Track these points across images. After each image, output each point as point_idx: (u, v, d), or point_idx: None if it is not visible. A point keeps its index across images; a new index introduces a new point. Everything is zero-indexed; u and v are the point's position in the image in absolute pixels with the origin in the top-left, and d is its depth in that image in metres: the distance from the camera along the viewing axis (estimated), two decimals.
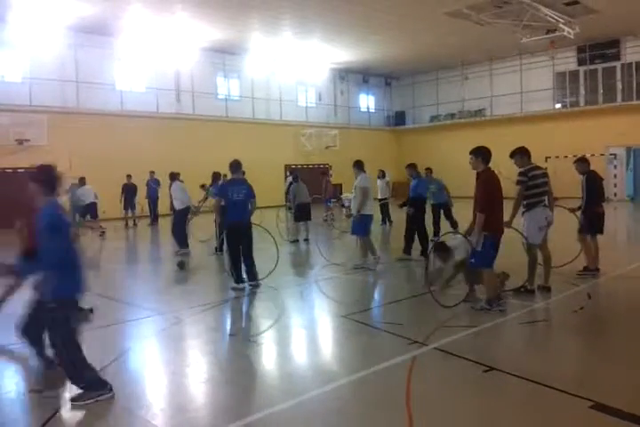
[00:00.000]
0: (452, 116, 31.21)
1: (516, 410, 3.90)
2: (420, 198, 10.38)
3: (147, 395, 4.43)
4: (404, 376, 4.39)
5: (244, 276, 8.13)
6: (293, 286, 8.52)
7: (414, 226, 10.17)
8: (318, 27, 21.28)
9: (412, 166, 10.76)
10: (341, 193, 20.80)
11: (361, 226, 9.44)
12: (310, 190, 13.82)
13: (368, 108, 33.44)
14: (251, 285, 8.08)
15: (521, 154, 7.16)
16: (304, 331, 6.21)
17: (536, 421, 3.73)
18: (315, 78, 28.71)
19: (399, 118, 33.88)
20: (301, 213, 13.18)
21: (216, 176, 12.47)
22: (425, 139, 31.80)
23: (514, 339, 5.67)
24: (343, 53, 26.31)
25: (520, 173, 7.05)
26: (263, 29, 21.57)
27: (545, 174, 7.19)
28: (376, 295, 8.23)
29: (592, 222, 8.14)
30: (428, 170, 13.28)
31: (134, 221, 19.10)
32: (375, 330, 5.84)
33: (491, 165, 6.33)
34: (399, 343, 5.25)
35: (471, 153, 6.31)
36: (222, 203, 8.29)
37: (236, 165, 8.34)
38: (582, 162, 8.40)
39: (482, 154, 6.24)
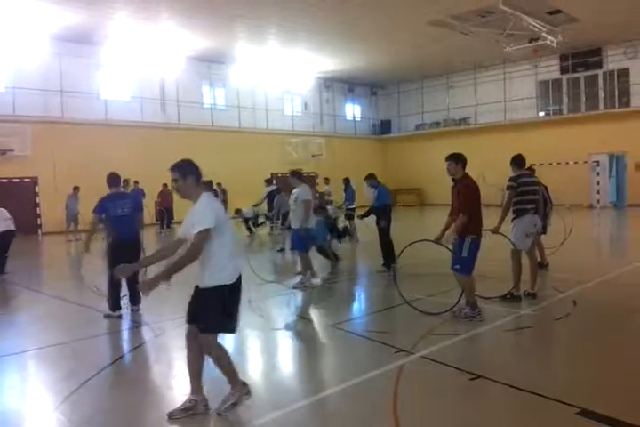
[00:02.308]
0: (437, 124, 31.43)
1: (502, 418, 3.89)
2: (385, 207, 10.08)
3: (131, 408, 4.35)
4: (391, 385, 4.37)
5: (125, 300, 7.25)
6: (279, 296, 8.46)
7: (386, 237, 9.83)
8: (304, 36, 21.39)
9: (371, 177, 10.47)
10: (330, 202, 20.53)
11: (303, 241, 8.88)
12: None
13: (354, 117, 33.58)
14: (133, 309, 7.23)
15: (515, 162, 7.37)
16: (290, 341, 6.18)
17: None
18: (300, 87, 28.83)
19: (385, 127, 34.06)
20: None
21: (208, 185, 12.61)
22: (410, 147, 31.98)
23: (500, 346, 5.65)
24: (329, 62, 26.45)
25: (510, 179, 7.18)
26: (249, 38, 21.62)
27: (535, 182, 7.30)
28: (362, 304, 8.19)
29: None
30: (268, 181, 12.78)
31: None
32: (362, 339, 5.80)
33: (471, 172, 6.37)
34: (386, 352, 5.23)
35: (449, 159, 6.26)
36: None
37: (113, 179, 7.30)
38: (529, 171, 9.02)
39: (462, 160, 6.25)
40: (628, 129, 23.76)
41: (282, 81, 27.72)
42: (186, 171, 3.99)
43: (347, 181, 15.96)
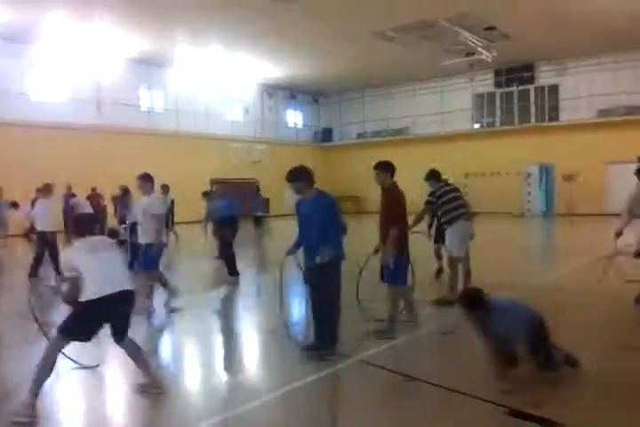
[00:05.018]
0: (378, 133, 31.93)
1: (435, 418, 3.95)
2: (233, 217, 9.89)
3: (60, 420, 4.17)
4: (329, 389, 4.38)
5: None
6: (218, 302, 8.34)
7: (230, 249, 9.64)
8: (247, 41, 21.30)
9: (221, 184, 10.34)
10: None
11: (155, 257, 7.39)
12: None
13: (295, 125, 33.69)
14: None
15: (432, 177, 7.57)
16: (228, 348, 6.08)
17: None
18: (242, 93, 28.70)
19: (326, 135, 34.33)
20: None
21: (125, 191, 12.04)
22: (351, 155, 32.33)
23: (434, 349, 5.77)
24: (272, 69, 26.44)
25: (429, 194, 7.47)
26: (190, 41, 21.32)
27: (456, 189, 7.53)
28: (301, 310, 8.17)
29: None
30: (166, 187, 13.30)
31: None
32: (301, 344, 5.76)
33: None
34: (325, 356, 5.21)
35: (377, 168, 6.08)
36: None
37: None
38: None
39: (390, 169, 6.06)
40: (557, 142, 24.92)
41: (224, 86, 27.50)
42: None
43: (257, 189, 15.91)
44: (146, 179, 7.28)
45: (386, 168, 6.05)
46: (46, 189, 10.61)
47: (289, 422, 3.97)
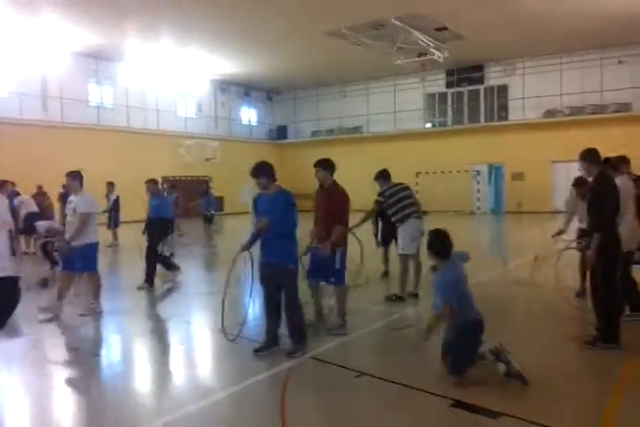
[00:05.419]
0: (332, 131, 32.05)
1: (385, 411, 4.03)
2: (163, 219, 9.42)
3: (7, 422, 4.04)
4: (281, 386, 4.41)
5: None
6: (166, 302, 8.24)
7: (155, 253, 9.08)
8: (199, 36, 21.00)
9: (154, 182, 9.56)
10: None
11: (89, 259, 7.03)
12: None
13: (250, 122, 33.48)
14: None
15: (381, 177, 7.70)
16: (179, 347, 6.04)
17: (404, 420, 3.89)
18: (195, 89, 28.32)
19: (281, 132, 34.23)
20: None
21: (65, 189, 11.65)
22: (306, 153, 32.19)
23: (384, 345, 5.86)
24: (225, 65, 26.18)
25: (378, 194, 7.55)
26: (140, 36, 20.86)
27: (406, 188, 7.65)
28: (251, 310, 8.15)
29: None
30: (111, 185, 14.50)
31: None
32: (252, 343, 5.75)
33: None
34: (275, 354, 5.24)
35: (317, 165, 6.05)
36: None
37: None
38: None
39: (330, 167, 6.04)
40: (506, 141, 25.65)
41: (175, 81, 27.07)
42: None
43: (207, 188, 15.87)
44: (74, 177, 6.95)
45: (326, 166, 6.06)
46: (2, 186, 10.52)
47: (240, 419, 3.98)
